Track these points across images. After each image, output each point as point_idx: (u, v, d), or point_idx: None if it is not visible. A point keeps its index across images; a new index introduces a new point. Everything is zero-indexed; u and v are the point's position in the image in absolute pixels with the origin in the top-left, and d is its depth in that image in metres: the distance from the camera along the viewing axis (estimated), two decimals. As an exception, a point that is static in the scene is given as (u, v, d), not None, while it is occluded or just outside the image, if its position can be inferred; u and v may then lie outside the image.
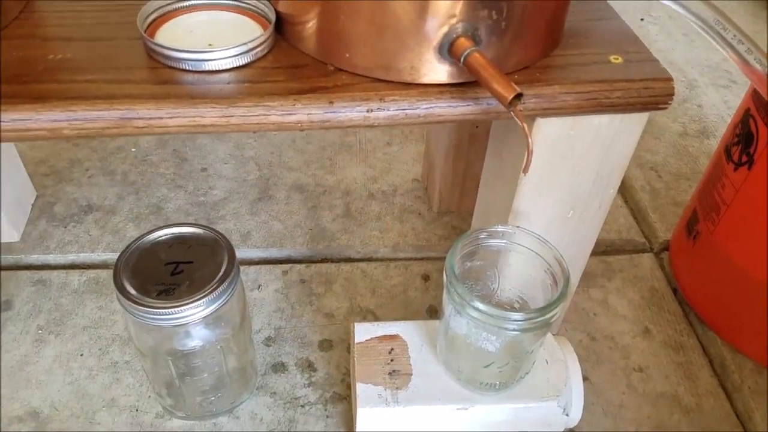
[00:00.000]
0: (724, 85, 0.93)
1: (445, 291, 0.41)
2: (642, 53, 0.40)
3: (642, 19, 1.06)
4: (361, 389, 0.44)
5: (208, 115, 0.35)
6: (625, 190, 0.75)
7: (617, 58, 0.40)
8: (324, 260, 0.65)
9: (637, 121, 0.40)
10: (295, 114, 0.36)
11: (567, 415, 0.45)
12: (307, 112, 0.36)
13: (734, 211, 0.55)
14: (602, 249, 0.68)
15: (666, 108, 0.40)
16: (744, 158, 0.53)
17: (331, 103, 0.36)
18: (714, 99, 0.90)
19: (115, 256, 0.44)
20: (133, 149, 0.77)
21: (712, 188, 0.58)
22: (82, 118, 0.35)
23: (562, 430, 0.46)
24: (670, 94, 0.39)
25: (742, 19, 1.07)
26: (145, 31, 0.38)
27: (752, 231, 0.54)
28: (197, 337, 0.45)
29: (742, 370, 0.57)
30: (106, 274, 0.62)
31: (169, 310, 0.41)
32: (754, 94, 0.52)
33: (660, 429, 0.53)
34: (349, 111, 0.36)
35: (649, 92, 0.39)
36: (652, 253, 0.68)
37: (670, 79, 0.39)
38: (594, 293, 0.63)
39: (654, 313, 0.62)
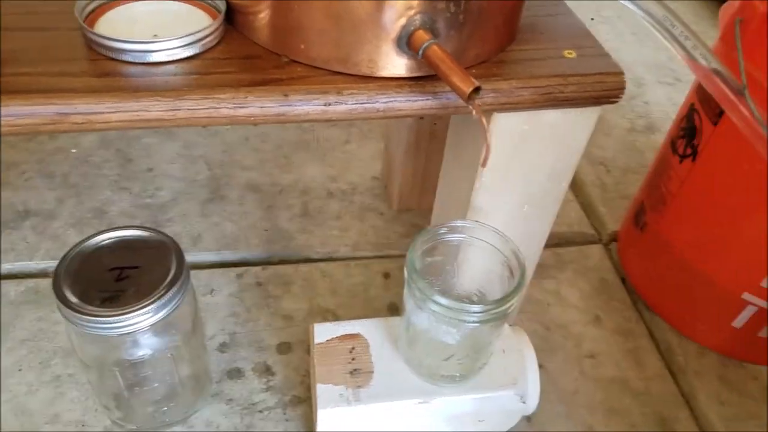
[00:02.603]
0: (669, 82, 0.97)
1: (406, 287, 0.41)
2: (595, 48, 0.41)
3: (592, 19, 1.09)
4: (322, 390, 0.43)
5: (153, 109, 0.33)
6: (575, 184, 0.77)
7: (571, 53, 0.40)
8: (281, 262, 0.64)
9: (589, 115, 0.41)
10: (247, 107, 0.34)
11: (524, 402, 0.45)
12: (260, 105, 0.34)
13: (680, 202, 0.57)
14: (554, 242, 0.69)
15: (617, 101, 0.40)
16: (689, 150, 0.55)
17: (286, 96, 0.35)
18: (660, 96, 0.94)
19: (55, 263, 0.42)
20: (73, 150, 0.73)
21: (659, 180, 0.60)
22: (15, 114, 0.32)
23: (520, 417, 0.47)
24: (622, 88, 0.40)
25: (687, 20, 1.12)
26: (84, 21, 0.35)
27: (697, 221, 0.56)
28: (146, 346, 0.42)
29: (687, 353, 0.59)
30: (46, 284, 0.59)
31: (115, 318, 0.39)
32: (699, 90, 0.54)
33: (612, 412, 0.54)
34: (306, 104, 0.35)
35: (601, 86, 0.39)
36: (601, 245, 0.70)
37: (621, 73, 0.40)
38: (547, 284, 0.64)
39: (604, 302, 0.63)
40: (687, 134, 0.55)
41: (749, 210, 0.51)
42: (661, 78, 0.98)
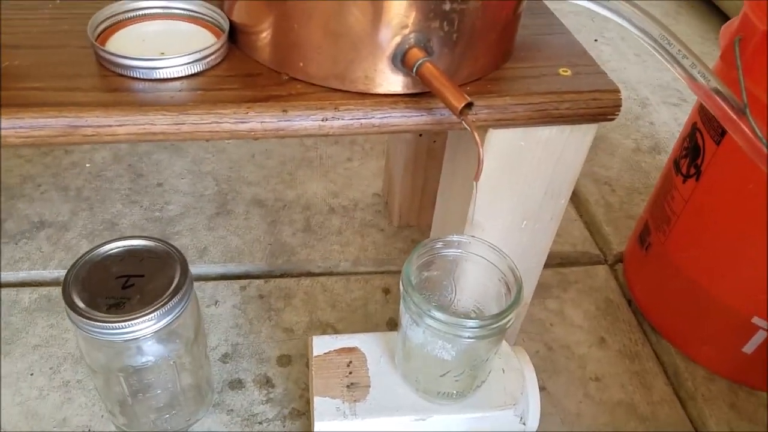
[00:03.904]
0: (674, 103, 0.97)
1: (401, 301, 0.41)
2: (590, 66, 0.42)
3: (596, 40, 1.11)
4: (319, 402, 0.44)
5: (159, 122, 0.35)
6: (579, 203, 0.77)
7: (566, 71, 0.41)
8: (283, 275, 0.65)
9: (585, 132, 0.42)
10: (248, 122, 0.36)
11: (524, 424, 0.45)
12: (261, 120, 0.36)
13: (684, 221, 0.57)
14: (557, 261, 0.69)
15: (613, 119, 0.41)
16: (692, 170, 0.55)
17: (285, 111, 0.36)
18: (665, 116, 0.94)
19: (67, 273, 0.43)
20: (87, 165, 0.75)
21: (663, 201, 0.60)
22: (29, 126, 0.34)
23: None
24: (618, 105, 0.40)
25: (692, 41, 1.12)
26: (95, 40, 0.37)
27: (701, 241, 0.55)
28: (149, 353, 0.43)
29: (695, 377, 0.58)
30: (58, 292, 0.60)
31: (120, 324, 0.40)
32: (701, 109, 0.55)
33: (617, 437, 0.53)
34: (304, 120, 0.36)
35: (597, 103, 0.40)
36: (606, 265, 0.69)
37: (617, 91, 0.40)
38: (550, 304, 0.64)
39: (609, 323, 0.63)
40: (690, 154, 0.56)
41: (755, 230, 0.50)
42: (666, 98, 0.98)
